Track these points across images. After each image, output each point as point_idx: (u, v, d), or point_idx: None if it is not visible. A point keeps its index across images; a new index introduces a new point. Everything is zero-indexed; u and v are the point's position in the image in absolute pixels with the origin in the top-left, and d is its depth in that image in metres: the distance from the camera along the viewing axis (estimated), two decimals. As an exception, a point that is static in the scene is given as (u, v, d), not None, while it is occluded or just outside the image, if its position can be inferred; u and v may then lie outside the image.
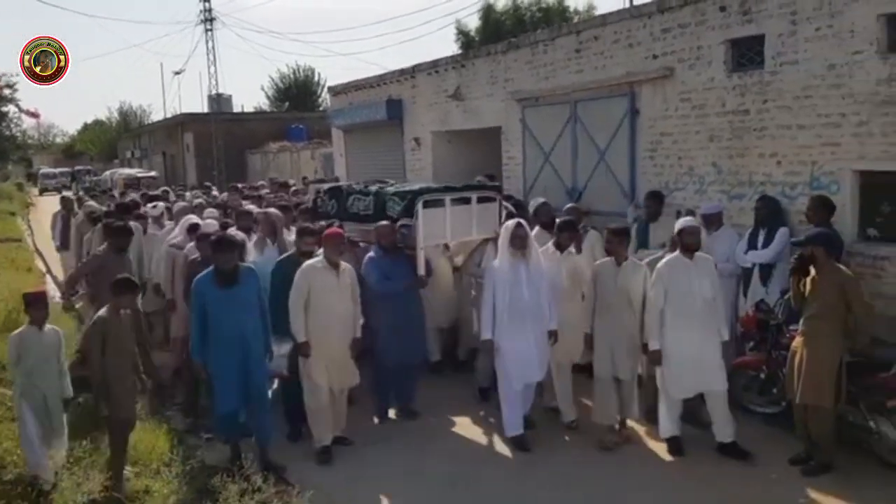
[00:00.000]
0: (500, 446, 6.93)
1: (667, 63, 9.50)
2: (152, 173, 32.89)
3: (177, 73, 60.61)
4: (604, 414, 6.83)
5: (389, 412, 7.67)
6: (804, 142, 7.95)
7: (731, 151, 8.79)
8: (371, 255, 7.53)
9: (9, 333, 6.32)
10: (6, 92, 35.06)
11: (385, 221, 7.65)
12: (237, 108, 42.76)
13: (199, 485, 5.88)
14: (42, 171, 58.80)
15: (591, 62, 10.82)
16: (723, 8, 8.70)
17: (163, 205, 11.59)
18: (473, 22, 40.67)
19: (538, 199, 9.25)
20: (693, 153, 9.30)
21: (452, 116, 14.39)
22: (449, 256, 8.90)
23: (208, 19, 38.13)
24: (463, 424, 7.45)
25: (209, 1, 37.77)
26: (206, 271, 6.39)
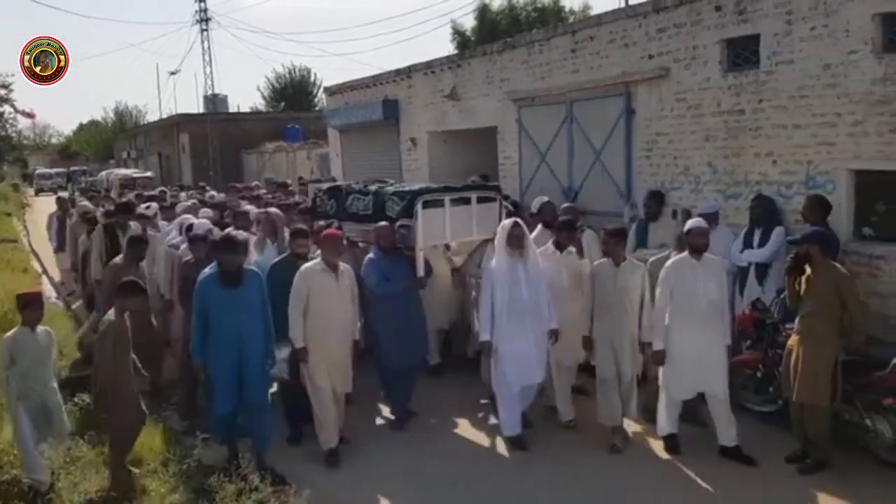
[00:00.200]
0: (499, 446, 6.92)
1: (662, 63, 9.52)
2: (148, 174, 32.84)
3: (172, 73, 60.27)
4: (609, 415, 6.79)
5: (391, 412, 7.59)
6: (800, 141, 7.97)
7: (726, 151, 8.81)
8: (371, 256, 7.46)
9: (3, 335, 6.28)
10: (1, 92, 35.04)
11: (384, 222, 7.58)
12: (233, 109, 42.82)
13: (196, 484, 5.87)
14: (38, 172, 58.75)
15: (586, 62, 10.83)
16: (718, 7, 8.72)
17: (156, 205, 11.60)
18: (469, 22, 40.69)
19: (542, 197, 9.23)
20: (689, 153, 9.31)
21: (448, 116, 14.39)
22: (449, 257, 8.85)
23: (204, 19, 38.25)
24: (462, 425, 7.44)
25: (205, 1, 37.85)
26: (211, 271, 6.38)
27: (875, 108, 7.24)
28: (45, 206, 31.76)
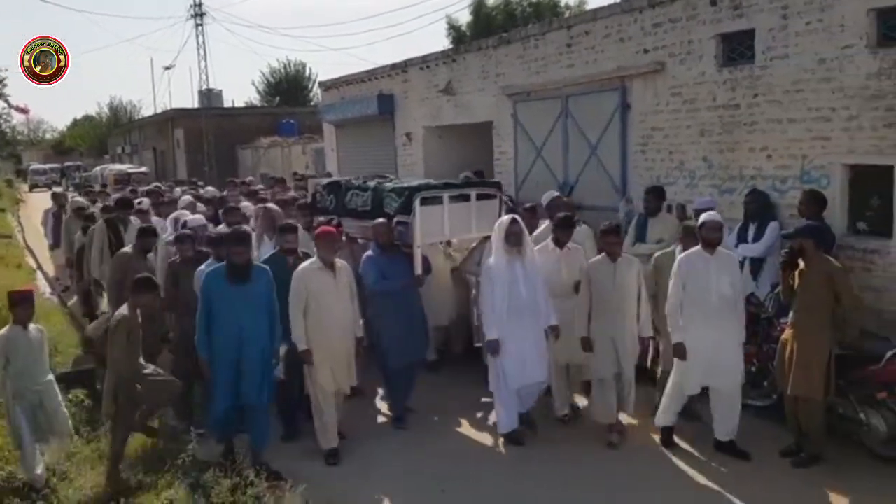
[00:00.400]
0: (498, 445, 6.88)
1: (658, 58, 9.52)
2: (143, 169, 32.80)
3: (167, 68, 60.38)
4: (604, 413, 6.76)
5: (390, 410, 7.53)
6: (794, 136, 7.98)
7: (721, 146, 8.82)
8: (369, 253, 7.36)
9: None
10: (-5, 88, 34.91)
11: (381, 219, 7.48)
12: (228, 103, 42.67)
13: (192, 480, 5.86)
14: (32, 168, 58.56)
15: (582, 57, 10.83)
16: (713, 2, 8.72)
17: (148, 200, 11.60)
18: (464, 17, 40.71)
19: (551, 192, 9.20)
20: (684, 147, 9.32)
21: (444, 111, 14.38)
22: (449, 253, 8.75)
23: (198, 14, 38.04)
24: (461, 423, 7.38)
25: (199, -5, 37.64)
26: (218, 266, 6.35)
27: (870, 102, 7.25)
28: (39, 201, 31.68)
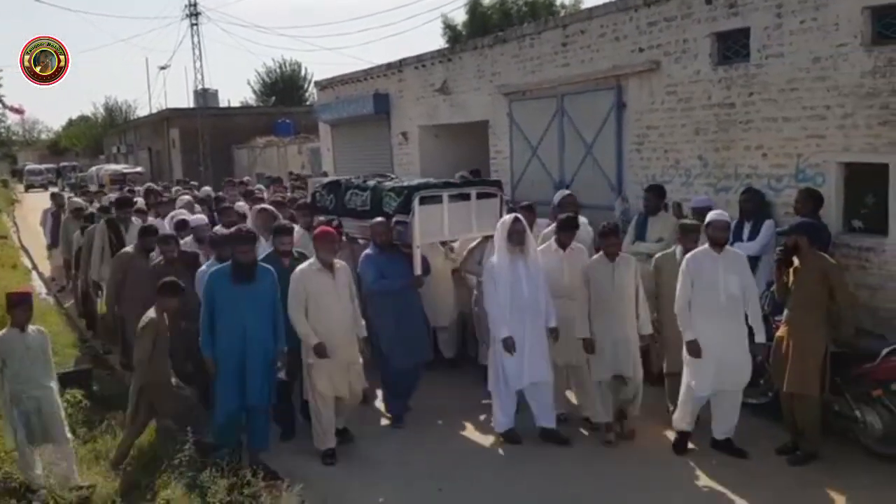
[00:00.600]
0: (495, 444, 6.87)
1: (653, 56, 9.53)
2: (138, 169, 32.75)
3: (162, 67, 60.15)
4: (602, 413, 6.74)
5: (387, 410, 7.50)
6: (789, 134, 7.99)
7: (716, 144, 8.83)
8: (368, 252, 7.32)
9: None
10: (-11, 88, 34.82)
11: (380, 218, 7.42)
12: (223, 103, 42.63)
13: (189, 480, 5.85)
14: (27, 168, 58.47)
15: (577, 56, 10.83)
16: (708, 1, 8.71)
17: (141, 200, 11.64)
18: (460, 16, 40.70)
19: (563, 191, 9.16)
20: (679, 146, 9.33)
21: (439, 111, 14.37)
22: (448, 251, 8.61)
23: (193, 14, 37.98)
24: (460, 424, 7.35)
25: (194, -5, 37.59)
26: (222, 266, 6.35)
27: (864, 100, 7.26)
28: (34, 202, 31.64)
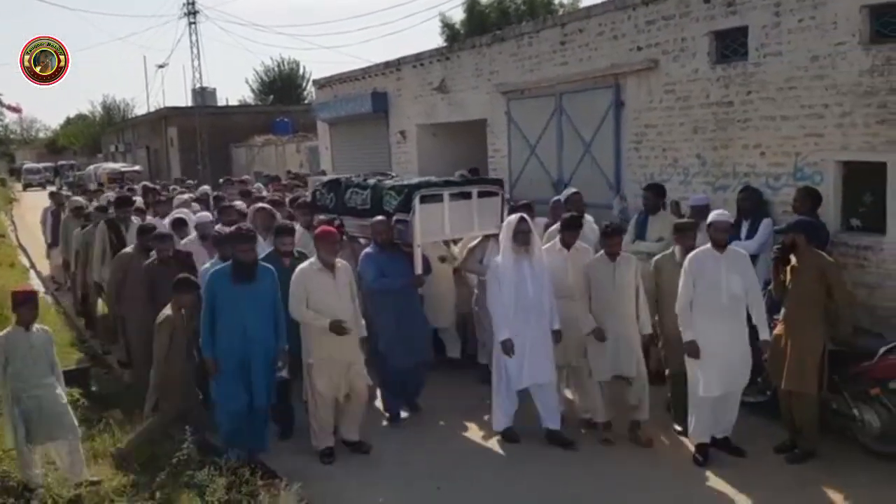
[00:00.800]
0: (495, 443, 6.86)
1: (651, 55, 9.53)
2: (136, 167, 32.74)
3: (160, 66, 59.76)
4: (601, 412, 6.75)
5: (401, 414, 7.46)
6: (788, 133, 7.99)
7: (715, 143, 8.83)
8: (368, 250, 7.28)
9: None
10: (-13, 87, 34.83)
11: (381, 217, 7.37)
12: (221, 102, 42.51)
13: (187, 478, 5.85)
14: (25, 167, 58.40)
15: (575, 54, 10.83)
16: (707, -1, 8.74)
17: (140, 199, 11.64)
18: (458, 15, 40.66)
19: (570, 189, 9.16)
20: (677, 145, 9.33)
21: (438, 109, 14.37)
22: (446, 255, 8.48)
23: (192, 12, 37.98)
24: (459, 421, 7.34)
25: (192, -7, 37.56)
26: (223, 265, 6.34)
27: (862, 99, 7.27)
28: (32, 200, 31.61)
